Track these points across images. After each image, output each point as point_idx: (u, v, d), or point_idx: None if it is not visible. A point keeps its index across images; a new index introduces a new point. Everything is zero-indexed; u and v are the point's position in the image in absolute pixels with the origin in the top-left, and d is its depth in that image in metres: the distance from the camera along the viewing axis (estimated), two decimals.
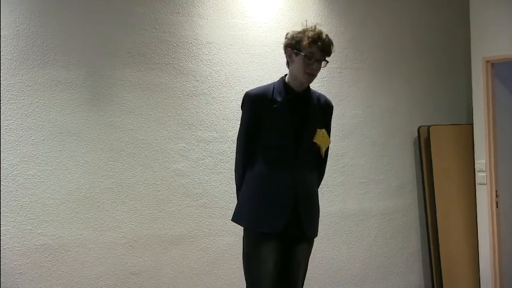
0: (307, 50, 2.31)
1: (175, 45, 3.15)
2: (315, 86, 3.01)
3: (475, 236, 3.94)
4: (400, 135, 4.01)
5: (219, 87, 3.26)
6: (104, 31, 3.03)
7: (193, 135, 3.23)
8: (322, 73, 3.50)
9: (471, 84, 4.03)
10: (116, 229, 2.97)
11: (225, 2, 3.40)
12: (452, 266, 3.98)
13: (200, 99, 3.26)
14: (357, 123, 3.77)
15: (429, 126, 3.89)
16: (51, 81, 2.87)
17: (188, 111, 3.17)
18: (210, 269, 3.18)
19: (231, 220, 2.48)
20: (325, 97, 2.55)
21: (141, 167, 3.06)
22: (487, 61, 3.85)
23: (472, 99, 4.04)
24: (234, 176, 2.55)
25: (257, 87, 2.47)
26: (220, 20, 3.35)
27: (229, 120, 3.17)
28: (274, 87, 2.44)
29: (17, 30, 2.80)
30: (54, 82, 2.87)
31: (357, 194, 3.77)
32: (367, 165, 3.84)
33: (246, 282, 2.39)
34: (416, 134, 3.95)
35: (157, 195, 3.07)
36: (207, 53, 3.24)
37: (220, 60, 3.27)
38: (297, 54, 2.34)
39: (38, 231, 2.76)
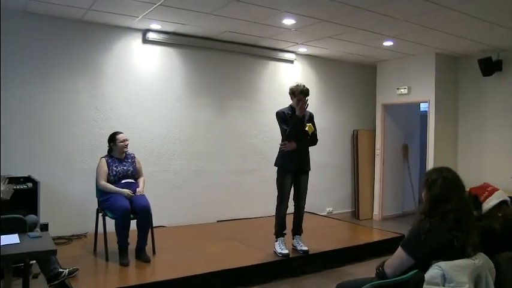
0: (298, 95, 3.61)
1: (253, 90, 5.60)
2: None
3: (373, 179, 6.47)
4: (345, 134, 6.51)
5: (265, 107, 5.49)
6: (224, 83, 5.38)
7: (259, 128, 5.55)
8: (311, 105, 5.31)
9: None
10: (229, 164, 5.45)
11: (275, 75, 5.69)
12: (362, 191, 6.44)
13: (259, 114, 5.56)
14: (325, 129, 6.07)
15: (358, 130, 6.39)
16: (199, 104, 5.19)
17: (257, 117, 5.46)
18: (265, 184, 5.16)
19: (274, 165, 3.86)
20: (309, 111, 3.81)
21: (236, 139, 5.49)
22: (383, 104, 6.32)
23: (375, 119, 6.42)
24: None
25: (281, 108, 3.77)
26: (271, 79, 5.68)
27: (272, 122, 4.31)
28: (289, 108, 3.71)
29: (171, 79, 5.03)
30: (200, 104, 5.21)
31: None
32: (330, 150, 6.24)
33: (278, 193, 3.80)
34: (352, 133, 6.43)
35: (243, 152, 5.53)
36: (263, 96, 5.68)
37: (270, 99, 5.58)
38: (292, 98, 3.65)
39: (195, 163, 5.23)
